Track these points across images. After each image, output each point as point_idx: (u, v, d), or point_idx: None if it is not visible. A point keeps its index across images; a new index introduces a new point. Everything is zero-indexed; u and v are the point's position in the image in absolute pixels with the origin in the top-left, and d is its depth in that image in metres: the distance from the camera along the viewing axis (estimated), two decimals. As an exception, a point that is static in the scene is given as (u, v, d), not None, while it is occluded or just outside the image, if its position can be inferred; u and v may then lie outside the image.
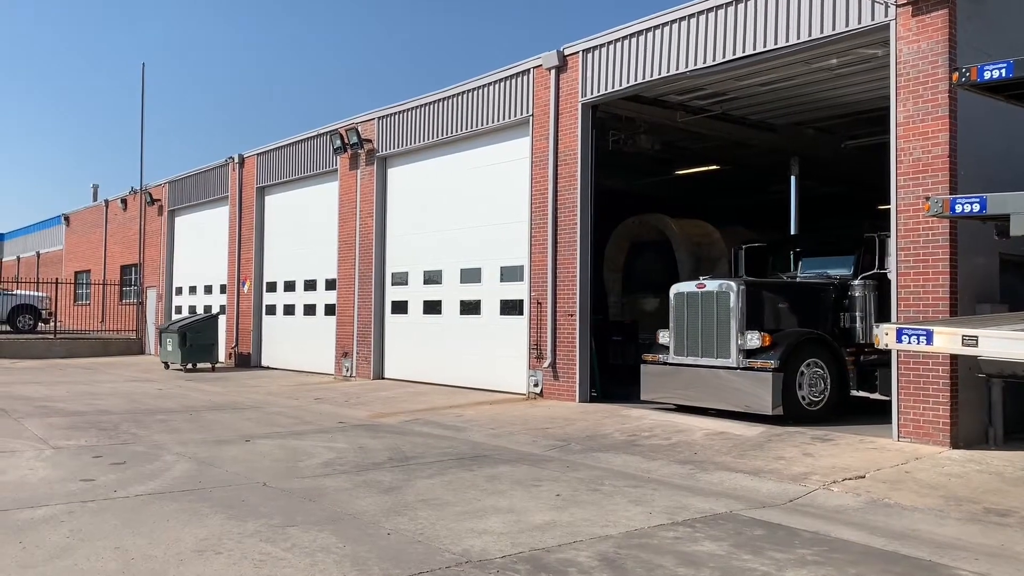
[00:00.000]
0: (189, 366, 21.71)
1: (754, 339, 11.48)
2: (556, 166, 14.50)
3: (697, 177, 20.04)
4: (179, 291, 28.24)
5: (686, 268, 16.48)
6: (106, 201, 34.00)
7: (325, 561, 5.54)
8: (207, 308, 25.65)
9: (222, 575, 5.27)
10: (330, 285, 20.46)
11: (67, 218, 38.80)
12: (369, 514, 6.78)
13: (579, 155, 14.15)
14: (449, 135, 16.98)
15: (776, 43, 11.44)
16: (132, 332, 30.20)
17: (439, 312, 17.37)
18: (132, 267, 31.44)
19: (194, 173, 27.08)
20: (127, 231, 31.82)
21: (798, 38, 11.18)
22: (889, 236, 10.91)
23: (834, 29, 10.76)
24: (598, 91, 13.97)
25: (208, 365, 22.01)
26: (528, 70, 15.12)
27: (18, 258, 52.43)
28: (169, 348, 21.98)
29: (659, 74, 13.00)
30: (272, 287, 23.11)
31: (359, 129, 19.05)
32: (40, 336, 28.37)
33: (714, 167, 19.12)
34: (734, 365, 11.66)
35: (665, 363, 12.61)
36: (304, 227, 21.75)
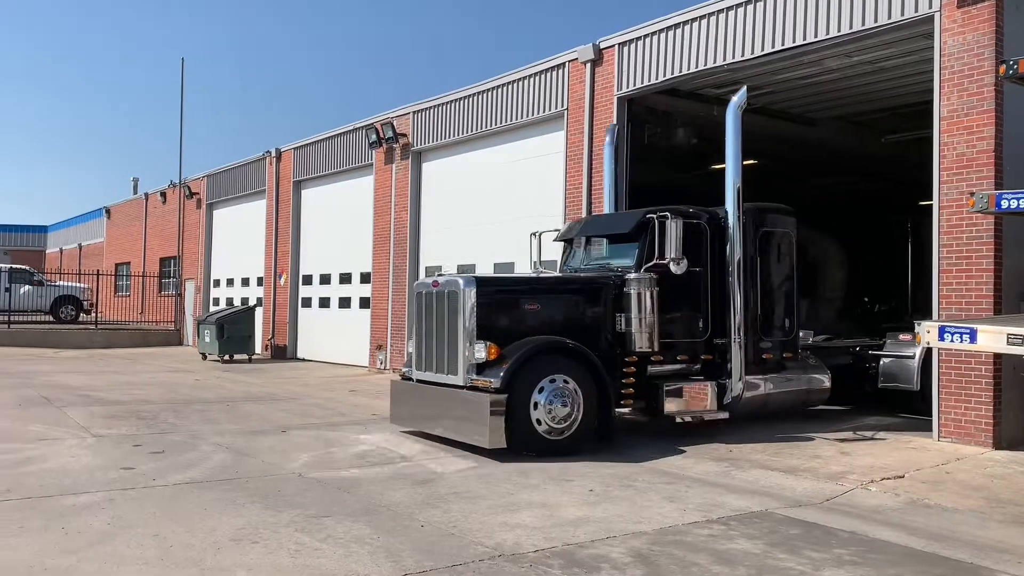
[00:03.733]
0: (226, 357, 22.01)
1: (481, 351, 9.08)
2: (591, 160, 14.42)
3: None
4: (216, 283, 28.63)
5: None
6: (146, 194, 34.57)
7: (359, 552, 5.58)
8: (244, 300, 25.97)
9: (258, 563, 5.33)
10: (365, 278, 20.59)
11: (108, 211, 39.49)
12: (403, 506, 6.82)
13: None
14: (483, 129, 16.98)
15: (816, 36, 11.27)
16: (171, 323, 30.70)
17: (473, 306, 17.35)
18: (171, 259, 31.93)
19: (232, 167, 27.42)
20: (166, 224, 32.31)
21: (839, 31, 11.00)
22: (668, 219, 9.84)
23: (876, 21, 10.57)
24: (634, 85, 13.88)
25: (245, 356, 22.29)
26: (563, 64, 15.06)
27: (61, 250, 53.53)
28: (207, 339, 22.29)
29: (696, 67, 12.88)
30: (308, 280, 23.33)
31: (394, 123, 19.13)
32: (81, 327, 28.98)
33: (753, 161, 18.88)
34: (461, 384, 9.28)
35: (409, 379, 10.40)
36: (339, 221, 21.90)
